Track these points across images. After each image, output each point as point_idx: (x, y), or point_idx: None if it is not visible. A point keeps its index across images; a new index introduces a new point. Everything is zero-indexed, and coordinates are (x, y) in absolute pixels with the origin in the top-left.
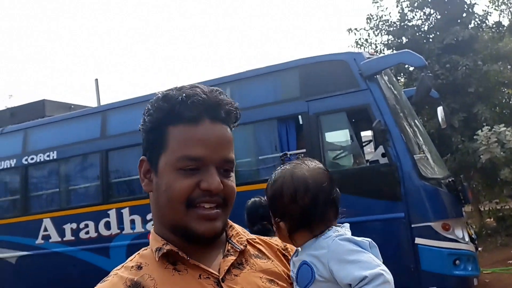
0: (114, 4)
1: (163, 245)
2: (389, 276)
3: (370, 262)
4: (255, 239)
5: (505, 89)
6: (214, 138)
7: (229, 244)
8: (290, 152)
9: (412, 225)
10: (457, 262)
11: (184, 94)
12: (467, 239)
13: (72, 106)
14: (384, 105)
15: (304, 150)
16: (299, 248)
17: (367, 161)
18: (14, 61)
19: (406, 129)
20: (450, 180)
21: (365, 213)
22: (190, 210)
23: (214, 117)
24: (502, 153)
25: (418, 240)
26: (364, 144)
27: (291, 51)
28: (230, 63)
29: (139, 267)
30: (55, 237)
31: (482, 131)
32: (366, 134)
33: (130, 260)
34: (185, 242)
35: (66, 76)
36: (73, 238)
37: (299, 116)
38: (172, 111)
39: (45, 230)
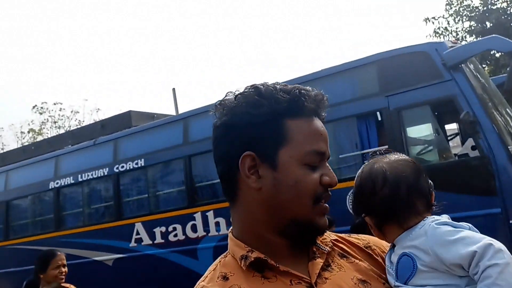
0: (184, 16)
1: (248, 252)
2: (498, 244)
3: (474, 236)
4: (337, 238)
5: None
6: (326, 133)
7: (314, 247)
8: (374, 149)
9: (511, 221)
10: None
11: (302, 88)
12: None
13: (155, 115)
14: (472, 95)
15: (386, 147)
16: (394, 245)
17: (455, 155)
18: (98, 76)
19: (497, 119)
20: None
21: (456, 209)
22: (316, 205)
23: (319, 113)
24: None
25: None
26: (450, 137)
27: (367, 47)
28: (305, 63)
29: (225, 278)
30: (146, 240)
31: None
32: (451, 128)
33: (213, 270)
34: (285, 241)
35: (144, 87)
36: (163, 241)
37: (379, 112)
38: (294, 103)
39: (137, 233)
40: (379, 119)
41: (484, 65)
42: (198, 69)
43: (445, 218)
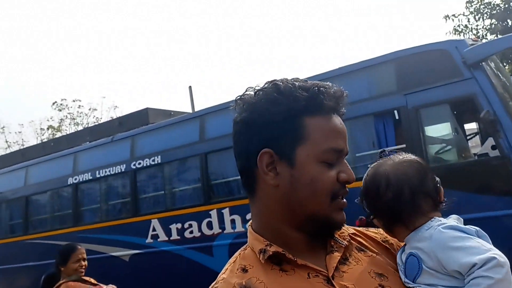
0: (203, 14)
1: (266, 246)
2: (503, 259)
3: (479, 247)
4: (355, 232)
5: None
6: (344, 131)
7: (332, 240)
8: (388, 149)
9: None
10: None
11: (321, 85)
12: None
13: (172, 113)
14: (492, 93)
15: (403, 146)
16: (405, 243)
17: (475, 154)
18: (116, 74)
19: None
20: None
21: (475, 210)
22: (333, 201)
23: (338, 110)
24: None
25: None
26: (469, 137)
27: (385, 45)
28: (325, 62)
29: (244, 270)
30: (162, 237)
31: None
32: (470, 127)
33: (233, 262)
34: (303, 235)
35: (161, 85)
36: (179, 237)
37: (397, 111)
38: (312, 101)
39: (154, 230)
40: (397, 117)
41: (505, 64)
42: (214, 67)
43: (453, 219)
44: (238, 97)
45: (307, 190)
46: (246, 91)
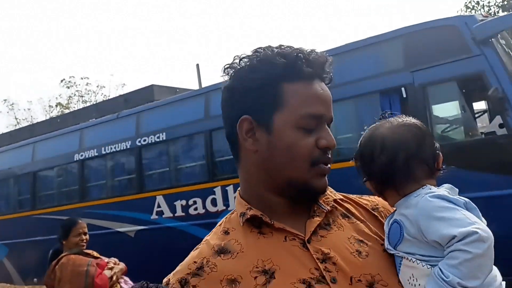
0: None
1: (246, 209)
2: (485, 234)
3: (462, 219)
4: (343, 198)
5: None
6: (327, 96)
7: (315, 205)
8: (390, 112)
9: None
10: None
11: (301, 51)
12: None
13: (178, 90)
14: (502, 71)
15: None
16: (395, 210)
17: (482, 133)
18: (124, 52)
19: None
20: None
21: (481, 188)
22: (312, 168)
23: (321, 76)
24: None
25: None
26: (477, 115)
27: (393, 21)
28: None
29: (226, 232)
30: (167, 213)
31: None
32: (479, 105)
33: (219, 225)
34: (284, 200)
35: (168, 63)
36: (183, 214)
37: (404, 88)
38: (291, 68)
39: (159, 206)
40: (404, 95)
41: None
42: (222, 45)
43: (444, 188)
44: (227, 65)
45: (284, 156)
46: (234, 59)
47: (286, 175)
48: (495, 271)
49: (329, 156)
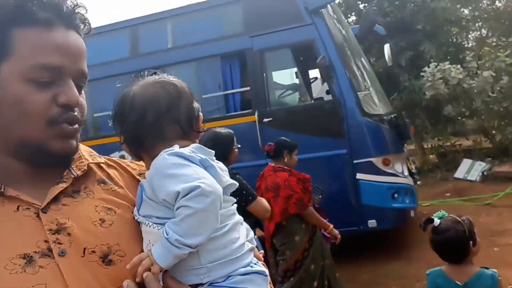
0: None
1: None
2: (210, 188)
3: (191, 175)
4: (108, 162)
5: (452, 27)
6: (72, 46)
7: (66, 171)
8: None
9: (354, 161)
10: (396, 195)
11: None
12: (406, 173)
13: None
14: (329, 40)
15: (248, 89)
16: None
17: (312, 98)
18: None
19: (351, 66)
20: (392, 116)
21: (310, 150)
22: (51, 128)
23: (69, 24)
24: (446, 89)
25: (359, 176)
26: (311, 81)
27: None
28: None
29: None
30: None
31: (428, 67)
32: (315, 72)
33: None
34: (23, 164)
35: None
36: None
37: (243, 53)
38: (21, 11)
39: None
40: (243, 60)
41: (350, 15)
42: None
43: (190, 148)
44: None
45: (11, 112)
46: None
47: (15, 134)
48: (238, 232)
49: (75, 114)
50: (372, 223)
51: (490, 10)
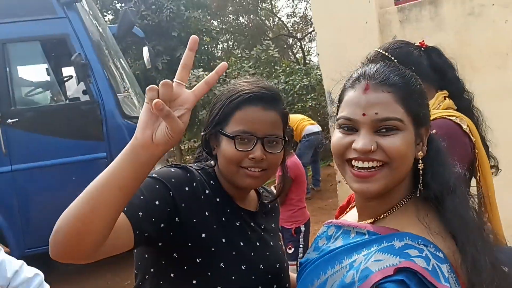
0: None
1: None
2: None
3: None
4: None
5: (203, 37)
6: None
7: None
8: None
9: None
10: None
11: None
12: None
13: None
14: (85, 37)
15: None
16: None
17: (67, 98)
18: None
19: (109, 66)
20: None
21: (68, 154)
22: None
23: None
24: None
25: None
26: (66, 80)
27: None
28: None
29: None
30: None
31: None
32: (70, 70)
33: None
34: None
35: None
36: None
37: None
38: None
39: None
40: None
41: (106, 14)
42: None
43: None
44: None
45: None
46: None
47: None
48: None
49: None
50: None
51: (235, 25)
